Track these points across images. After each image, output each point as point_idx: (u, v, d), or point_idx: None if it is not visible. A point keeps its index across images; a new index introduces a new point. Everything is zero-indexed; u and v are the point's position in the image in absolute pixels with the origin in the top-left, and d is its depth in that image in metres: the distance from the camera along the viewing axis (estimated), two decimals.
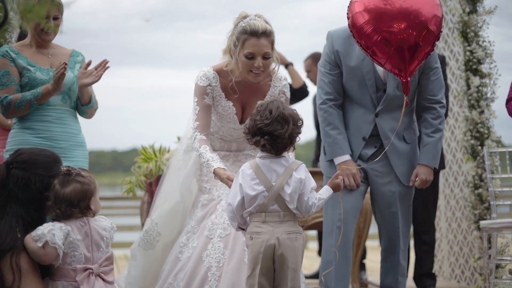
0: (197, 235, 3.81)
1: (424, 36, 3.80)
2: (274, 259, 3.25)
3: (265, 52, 3.76)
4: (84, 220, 3.27)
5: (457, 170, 6.09)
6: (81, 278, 3.20)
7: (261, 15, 3.85)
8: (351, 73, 4.14)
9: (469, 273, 5.92)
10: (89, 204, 3.30)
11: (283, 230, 3.25)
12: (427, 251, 5.40)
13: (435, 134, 4.19)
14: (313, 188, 3.32)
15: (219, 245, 3.71)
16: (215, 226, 3.77)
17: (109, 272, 3.30)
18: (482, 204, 5.60)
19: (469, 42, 5.70)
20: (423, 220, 5.38)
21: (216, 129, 3.99)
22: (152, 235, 4.17)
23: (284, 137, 3.25)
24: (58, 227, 3.22)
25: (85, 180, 3.30)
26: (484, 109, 5.66)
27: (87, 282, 3.20)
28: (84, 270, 3.22)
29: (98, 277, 3.25)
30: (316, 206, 3.31)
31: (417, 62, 3.86)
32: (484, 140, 5.63)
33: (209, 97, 3.89)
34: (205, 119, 3.88)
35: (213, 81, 3.89)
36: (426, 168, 4.17)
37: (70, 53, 4.27)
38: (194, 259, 3.74)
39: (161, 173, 5.21)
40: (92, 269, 3.23)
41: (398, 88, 4.11)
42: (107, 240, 3.33)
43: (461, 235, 6.02)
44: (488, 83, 5.68)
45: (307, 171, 3.35)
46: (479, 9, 5.73)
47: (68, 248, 3.21)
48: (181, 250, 3.85)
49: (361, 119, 4.18)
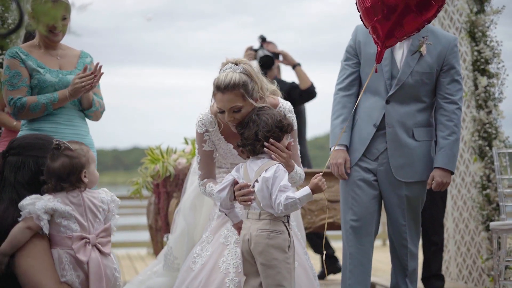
0: (211, 244, 3.74)
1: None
2: (252, 255, 3.42)
3: (231, 107, 3.56)
4: (77, 192, 3.23)
5: (464, 171, 6.07)
6: (77, 246, 3.17)
7: (241, 61, 3.65)
8: (369, 59, 4.16)
9: (477, 274, 5.90)
10: (80, 177, 3.24)
11: (257, 228, 3.40)
12: (436, 252, 5.38)
13: (450, 137, 4.15)
14: (284, 187, 3.38)
15: (236, 251, 3.63)
16: (231, 233, 3.71)
17: (106, 244, 3.27)
18: (490, 204, 5.58)
19: (477, 42, 5.68)
20: (431, 220, 5.35)
21: (223, 160, 3.94)
22: (170, 259, 4.21)
23: (250, 138, 3.47)
24: (43, 198, 3.20)
25: (73, 154, 3.25)
26: (491, 109, 5.64)
27: (83, 251, 3.18)
28: (80, 238, 3.18)
29: (94, 247, 3.21)
30: (283, 204, 3.36)
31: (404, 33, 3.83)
32: (492, 140, 5.61)
33: (208, 143, 3.79)
34: (208, 167, 3.82)
35: (209, 126, 3.76)
36: (442, 171, 4.13)
37: (79, 55, 4.25)
38: (209, 267, 3.65)
39: (168, 174, 5.19)
40: (89, 239, 3.20)
41: (412, 75, 4.12)
42: (104, 212, 3.29)
43: (469, 236, 6.00)
44: (495, 83, 5.66)
45: (278, 172, 3.42)
46: (486, 8, 5.71)
47: (59, 217, 3.17)
48: (194, 261, 3.76)
49: (373, 106, 4.18)
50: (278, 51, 6.09)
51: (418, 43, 4.12)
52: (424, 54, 4.12)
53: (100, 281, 3.18)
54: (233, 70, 3.60)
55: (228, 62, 3.65)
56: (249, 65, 3.64)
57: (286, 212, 3.41)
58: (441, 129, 4.18)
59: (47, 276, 3.12)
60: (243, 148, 3.54)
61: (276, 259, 3.37)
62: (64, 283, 3.15)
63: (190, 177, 4.35)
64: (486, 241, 5.63)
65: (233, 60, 3.65)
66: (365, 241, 4.15)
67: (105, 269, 3.22)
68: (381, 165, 4.17)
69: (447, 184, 4.16)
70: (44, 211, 3.15)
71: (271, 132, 3.48)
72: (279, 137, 3.52)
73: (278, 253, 3.38)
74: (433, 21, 6.29)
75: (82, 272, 3.18)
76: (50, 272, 3.14)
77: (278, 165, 3.46)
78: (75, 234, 3.17)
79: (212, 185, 3.75)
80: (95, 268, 3.18)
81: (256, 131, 3.47)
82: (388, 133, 4.13)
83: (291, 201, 3.36)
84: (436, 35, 4.19)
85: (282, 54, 6.09)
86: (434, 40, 4.16)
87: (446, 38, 4.20)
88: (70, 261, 3.16)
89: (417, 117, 4.16)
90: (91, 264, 3.18)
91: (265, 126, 3.47)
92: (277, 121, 3.51)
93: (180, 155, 5.27)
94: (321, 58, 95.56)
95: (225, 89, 3.55)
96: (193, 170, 4.34)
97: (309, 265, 3.77)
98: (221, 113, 3.62)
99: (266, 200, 3.42)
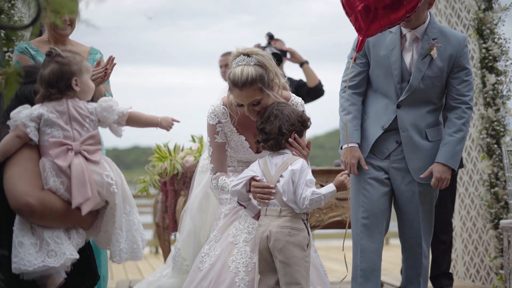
0: (219, 243, 3.68)
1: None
2: (270, 252, 3.37)
3: (251, 101, 3.55)
4: (63, 101, 3.12)
5: (472, 169, 6.04)
6: (56, 152, 3.04)
7: (254, 52, 3.59)
8: (378, 62, 4.14)
9: (485, 273, 5.87)
10: (70, 85, 3.12)
11: (277, 224, 3.35)
12: (444, 250, 5.35)
13: (456, 134, 4.12)
14: (310, 182, 3.35)
15: (245, 249, 3.58)
16: (239, 231, 3.65)
17: (94, 152, 3.10)
18: (498, 203, 5.55)
19: (485, 40, 5.65)
20: (440, 219, 5.30)
21: (233, 154, 3.88)
22: (179, 261, 4.16)
23: (273, 133, 3.42)
24: (28, 108, 3.11)
25: (64, 61, 3.14)
26: (500, 107, 5.61)
27: (63, 158, 3.04)
28: (60, 144, 3.06)
29: (79, 154, 3.06)
30: (309, 199, 3.32)
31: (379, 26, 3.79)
32: (500, 138, 5.58)
33: (220, 135, 3.74)
34: (220, 160, 3.76)
35: (222, 117, 3.72)
36: (441, 166, 4.09)
37: (89, 51, 4.23)
38: (218, 266, 3.60)
39: (175, 172, 5.16)
40: (71, 146, 3.06)
41: (423, 80, 4.09)
42: (93, 123, 3.14)
43: (476, 234, 5.98)
44: (504, 80, 5.63)
45: (305, 166, 3.40)
46: (494, 6, 5.68)
47: (45, 125, 3.07)
48: (202, 260, 3.68)
49: (382, 109, 4.16)
50: (285, 49, 6.06)
51: (428, 46, 4.07)
52: (435, 57, 4.07)
53: (83, 186, 3.00)
54: (247, 63, 3.55)
55: (239, 54, 3.59)
56: (261, 55, 3.59)
57: (309, 208, 3.36)
58: (449, 126, 4.15)
59: (27, 182, 2.99)
60: (264, 144, 3.48)
61: (296, 256, 3.34)
62: (47, 190, 3.01)
63: (197, 177, 4.30)
64: (494, 239, 5.60)
65: (244, 51, 3.59)
66: (376, 238, 4.13)
67: (90, 175, 3.04)
68: (393, 163, 4.15)
69: (446, 180, 4.11)
70: (29, 118, 3.04)
71: (295, 126, 3.46)
72: (301, 131, 3.51)
73: (298, 250, 3.35)
74: (441, 19, 6.27)
75: (66, 178, 3.02)
76: (31, 178, 3.01)
77: (303, 160, 3.44)
78: (52, 140, 3.05)
79: (225, 178, 3.69)
80: (77, 174, 3.02)
81: (280, 125, 3.44)
82: (403, 136, 4.12)
83: (316, 196, 3.33)
84: (445, 35, 4.13)
85: (290, 52, 6.06)
86: (444, 41, 4.11)
87: (456, 38, 4.14)
88: (52, 168, 3.03)
89: (428, 119, 4.15)
90: (72, 169, 3.02)
91: (289, 120, 3.45)
92: (299, 115, 3.49)
93: (188, 153, 5.24)
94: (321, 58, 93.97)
95: (243, 86, 3.51)
96: (200, 169, 4.29)
97: (319, 263, 3.75)
98: (240, 106, 3.59)
99: (291, 194, 3.38)
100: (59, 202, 3.00)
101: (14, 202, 2.95)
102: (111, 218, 3.10)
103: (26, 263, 2.89)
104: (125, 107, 3.17)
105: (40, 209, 2.94)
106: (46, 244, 2.96)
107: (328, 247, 10.56)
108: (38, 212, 2.94)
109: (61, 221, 3.02)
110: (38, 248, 2.95)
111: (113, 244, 3.10)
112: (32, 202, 2.93)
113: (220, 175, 3.73)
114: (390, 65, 4.11)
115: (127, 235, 3.13)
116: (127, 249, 3.13)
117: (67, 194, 3.01)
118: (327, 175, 5.21)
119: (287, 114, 3.47)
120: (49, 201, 2.98)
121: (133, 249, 3.15)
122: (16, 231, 2.95)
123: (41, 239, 2.97)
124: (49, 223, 2.99)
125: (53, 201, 2.99)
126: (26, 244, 2.92)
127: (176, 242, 4.24)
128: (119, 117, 3.15)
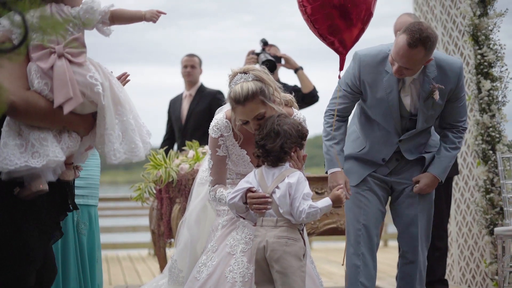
0: (216, 254, 3.70)
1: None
2: (267, 262, 3.40)
3: (255, 115, 3.58)
4: (47, 6, 3.14)
5: (467, 174, 6.04)
6: (38, 55, 3.08)
7: (250, 69, 3.65)
8: (376, 103, 4.09)
9: (480, 278, 5.88)
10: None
11: (274, 234, 3.38)
12: (440, 257, 5.35)
13: (453, 151, 4.17)
14: (306, 195, 3.37)
15: (242, 260, 3.60)
16: (237, 242, 3.67)
17: (78, 54, 3.13)
18: (493, 209, 5.56)
19: (480, 46, 5.65)
20: (435, 226, 5.27)
21: (233, 167, 3.90)
22: (175, 273, 4.13)
23: (275, 150, 3.44)
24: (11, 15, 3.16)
25: None
26: (495, 112, 5.62)
27: (45, 60, 3.07)
28: (42, 48, 3.09)
29: (63, 57, 3.10)
30: (306, 212, 3.34)
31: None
32: (495, 144, 5.59)
33: (222, 148, 3.76)
34: (219, 173, 3.79)
35: (224, 130, 3.74)
36: (432, 178, 4.14)
37: None
38: (215, 277, 3.62)
39: (170, 179, 5.17)
40: (54, 49, 3.09)
41: (427, 121, 4.11)
42: (77, 27, 3.16)
43: (472, 240, 5.98)
44: (499, 86, 5.63)
45: (301, 179, 3.41)
46: (489, 12, 5.68)
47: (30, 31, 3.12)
48: (199, 270, 3.71)
49: (383, 140, 4.16)
50: (280, 55, 6.06)
51: (429, 88, 4.00)
52: (437, 99, 4.02)
53: (64, 86, 3.05)
54: (245, 80, 3.60)
55: (236, 73, 3.64)
56: (258, 70, 3.65)
57: (306, 221, 3.39)
58: (446, 141, 4.18)
59: (12, 82, 3.03)
60: (264, 159, 3.50)
61: (293, 266, 3.36)
62: (32, 91, 3.06)
63: (195, 188, 4.27)
64: (490, 245, 5.61)
65: (241, 70, 3.64)
66: (373, 240, 4.17)
67: (71, 76, 3.08)
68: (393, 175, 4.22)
69: (430, 190, 4.17)
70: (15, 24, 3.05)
71: (296, 143, 3.49)
72: (301, 145, 3.53)
73: (294, 260, 3.36)
74: (436, 24, 6.28)
75: (49, 80, 3.08)
76: (16, 79, 3.05)
77: (300, 172, 3.46)
78: (34, 43, 3.05)
79: (223, 190, 3.72)
80: (58, 74, 3.06)
81: (282, 143, 3.45)
82: (408, 156, 4.17)
83: (313, 210, 3.35)
84: (443, 69, 4.02)
85: (285, 58, 6.06)
86: (442, 77, 4.02)
87: (454, 71, 4.05)
88: (36, 71, 3.07)
89: (426, 138, 4.23)
90: (55, 71, 3.06)
91: (290, 138, 3.46)
92: (298, 130, 3.50)
93: (183, 161, 5.24)
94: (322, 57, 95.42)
95: (245, 101, 3.55)
96: (198, 181, 4.27)
97: (315, 274, 3.77)
98: (245, 124, 3.63)
99: (287, 207, 3.39)
100: (43, 102, 3.06)
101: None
102: (102, 120, 3.16)
103: (8, 162, 2.96)
104: (106, 5, 3.20)
105: (23, 107, 3.01)
106: (31, 145, 3.03)
107: (328, 249, 10.56)
108: (22, 110, 3.01)
109: (48, 121, 3.08)
110: (23, 149, 3.02)
111: (106, 145, 3.15)
112: (15, 100, 2.99)
113: (218, 187, 3.76)
114: (388, 107, 4.07)
115: (123, 135, 3.18)
116: (125, 149, 3.19)
117: (51, 95, 3.06)
118: (321, 182, 5.21)
119: (288, 131, 3.47)
120: (32, 100, 3.03)
121: (131, 149, 3.20)
122: (3, 132, 3.03)
123: (27, 141, 3.04)
124: (35, 123, 3.06)
125: (37, 100, 3.04)
126: (10, 145, 3.00)
127: (173, 254, 4.23)
128: (102, 16, 3.18)
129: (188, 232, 4.15)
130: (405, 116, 4.10)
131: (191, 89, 6.82)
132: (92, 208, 4.15)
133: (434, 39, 3.81)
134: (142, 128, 3.26)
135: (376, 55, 4.03)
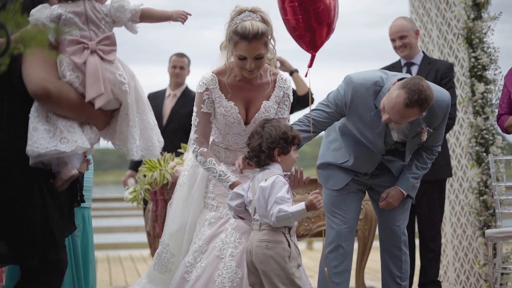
0: (205, 255, 3.69)
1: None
2: (255, 266, 3.46)
3: (256, 54, 3.67)
4: (80, 2, 3.29)
5: (462, 176, 6.08)
6: (72, 49, 3.22)
7: (258, 9, 3.73)
8: (362, 127, 4.09)
9: (474, 279, 5.91)
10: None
11: (257, 238, 3.44)
12: (433, 258, 5.37)
13: (423, 171, 4.23)
14: (280, 199, 3.39)
15: (231, 264, 3.61)
16: (226, 245, 3.67)
17: (109, 52, 3.29)
18: (487, 210, 5.59)
19: (474, 49, 5.69)
20: (429, 227, 5.34)
21: (221, 138, 3.88)
22: (166, 257, 3.99)
23: (255, 150, 3.51)
24: (48, 7, 3.26)
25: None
26: (489, 115, 5.65)
27: (79, 55, 3.22)
28: (77, 43, 3.24)
29: (95, 53, 3.25)
30: (275, 216, 3.37)
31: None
32: (489, 146, 5.62)
33: (207, 104, 3.79)
34: (204, 130, 3.80)
35: (210, 84, 3.79)
36: (400, 193, 4.19)
37: None
38: (204, 280, 3.62)
39: (165, 181, 5.22)
40: (88, 45, 3.25)
41: (413, 151, 4.16)
42: (109, 24, 3.32)
43: (466, 241, 6.02)
44: (493, 89, 5.67)
45: (277, 183, 3.42)
46: (483, 15, 5.71)
47: (63, 25, 3.23)
48: (187, 270, 3.71)
49: (366, 158, 4.19)
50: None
51: (417, 130, 4.01)
52: (424, 140, 4.04)
53: (96, 82, 3.20)
54: (253, 18, 3.69)
55: (244, 10, 3.71)
56: (265, 13, 3.75)
57: (278, 224, 3.41)
58: (418, 159, 4.22)
59: (46, 70, 3.17)
60: (250, 160, 3.58)
61: (276, 268, 3.39)
62: (65, 82, 3.21)
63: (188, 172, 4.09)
64: (483, 246, 5.65)
65: (250, 8, 3.72)
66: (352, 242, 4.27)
67: (104, 72, 3.24)
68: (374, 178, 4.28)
69: (395, 203, 4.20)
70: (49, 19, 3.22)
71: (275, 143, 3.49)
72: (285, 148, 3.52)
73: (276, 263, 3.40)
74: (432, 27, 6.32)
75: (81, 74, 3.22)
76: (49, 69, 3.19)
77: (278, 176, 3.46)
78: (69, 38, 3.22)
79: (214, 161, 3.72)
80: (91, 70, 3.22)
81: (260, 143, 3.50)
82: (391, 167, 4.22)
83: (283, 214, 3.36)
84: (432, 109, 3.94)
85: (280, 61, 6.09)
86: (431, 115, 3.98)
87: (441, 108, 4.02)
88: (69, 64, 3.21)
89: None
90: (88, 66, 3.21)
91: (269, 138, 3.50)
92: (282, 132, 3.51)
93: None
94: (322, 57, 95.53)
95: (253, 38, 3.63)
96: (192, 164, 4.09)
97: (308, 283, 3.76)
98: (242, 59, 3.69)
99: (263, 210, 3.43)
100: (74, 93, 3.21)
101: (34, 86, 3.14)
102: (125, 118, 3.32)
103: (39, 146, 3.09)
104: (136, 4, 3.36)
105: (56, 95, 3.15)
106: (59, 131, 3.17)
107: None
108: (54, 98, 3.15)
109: (75, 112, 3.22)
110: (52, 134, 3.16)
111: (130, 141, 3.32)
112: (50, 88, 3.14)
113: (208, 154, 3.76)
114: (374, 135, 4.07)
115: (142, 133, 3.35)
116: (143, 146, 3.36)
117: (82, 88, 3.22)
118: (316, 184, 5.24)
119: (268, 131, 3.51)
120: (65, 90, 3.19)
121: (148, 146, 3.39)
122: (32, 117, 3.15)
123: (55, 127, 3.18)
124: (63, 112, 3.20)
125: (69, 90, 3.20)
126: (40, 129, 3.13)
127: (163, 237, 4.06)
128: (132, 15, 3.35)
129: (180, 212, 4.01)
130: (391, 143, 4.13)
131: (176, 89, 6.72)
132: (85, 210, 4.20)
133: (431, 100, 3.78)
134: (157, 128, 3.42)
135: (369, 88, 4.00)
